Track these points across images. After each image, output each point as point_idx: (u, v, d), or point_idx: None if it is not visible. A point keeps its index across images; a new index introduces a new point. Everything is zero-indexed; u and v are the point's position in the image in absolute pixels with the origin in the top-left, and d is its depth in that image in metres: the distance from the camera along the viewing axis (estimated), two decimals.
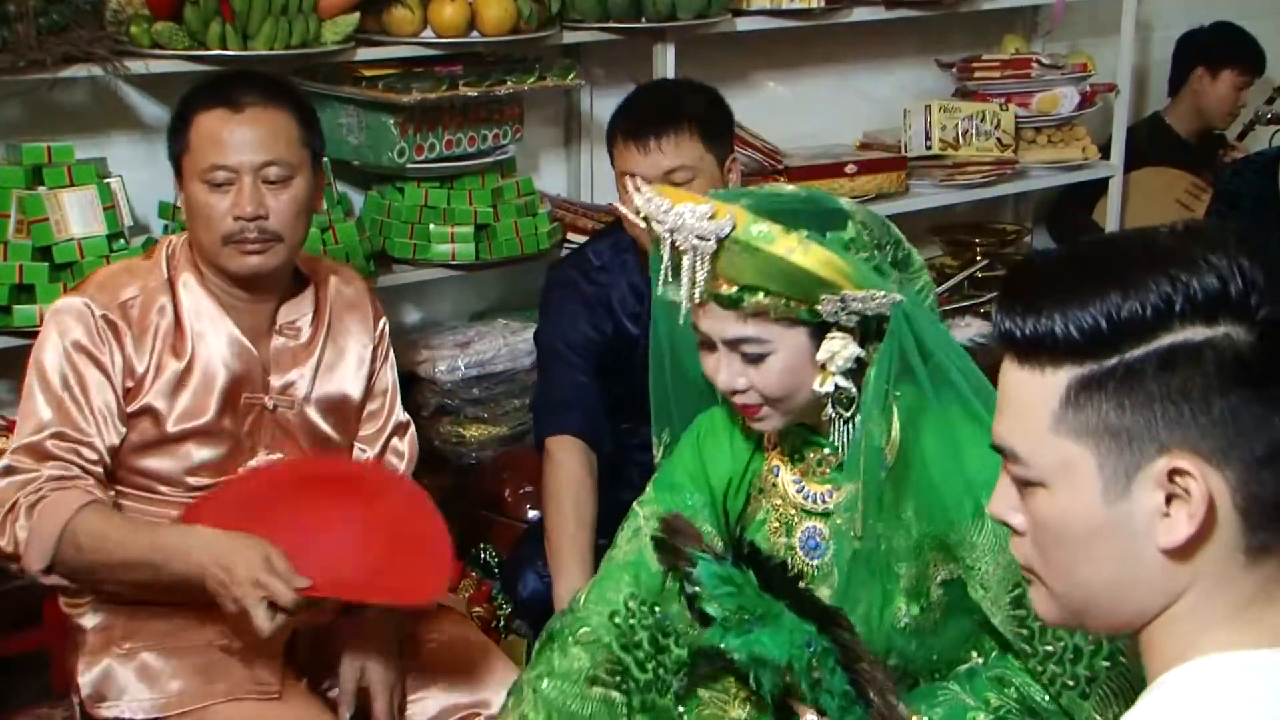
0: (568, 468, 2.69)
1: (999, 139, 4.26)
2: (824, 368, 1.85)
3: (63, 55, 2.81)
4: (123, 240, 2.93)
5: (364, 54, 3.20)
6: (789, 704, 1.73)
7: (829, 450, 1.95)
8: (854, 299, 1.79)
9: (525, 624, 2.95)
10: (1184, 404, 1.09)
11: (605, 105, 3.73)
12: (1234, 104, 4.91)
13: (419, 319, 3.68)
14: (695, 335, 1.92)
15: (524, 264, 3.49)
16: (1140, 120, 4.98)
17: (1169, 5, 5.01)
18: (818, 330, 1.85)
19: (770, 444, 2.03)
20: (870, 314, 1.82)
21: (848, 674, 1.66)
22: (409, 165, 3.26)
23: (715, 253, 1.78)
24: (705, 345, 1.92)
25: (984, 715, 1.86)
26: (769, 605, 1.69)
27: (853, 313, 1.81)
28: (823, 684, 1.67)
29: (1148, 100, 5.15)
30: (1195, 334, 1.09)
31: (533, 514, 3.23)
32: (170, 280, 2.37)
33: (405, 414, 2.58)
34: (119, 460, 2.34)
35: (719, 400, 2.02)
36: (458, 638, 2.49)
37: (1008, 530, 1.78)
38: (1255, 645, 1.12)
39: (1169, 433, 1.10)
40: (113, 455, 2.31)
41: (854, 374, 1.86)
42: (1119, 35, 4.57)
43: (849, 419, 1.89)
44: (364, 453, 2.51)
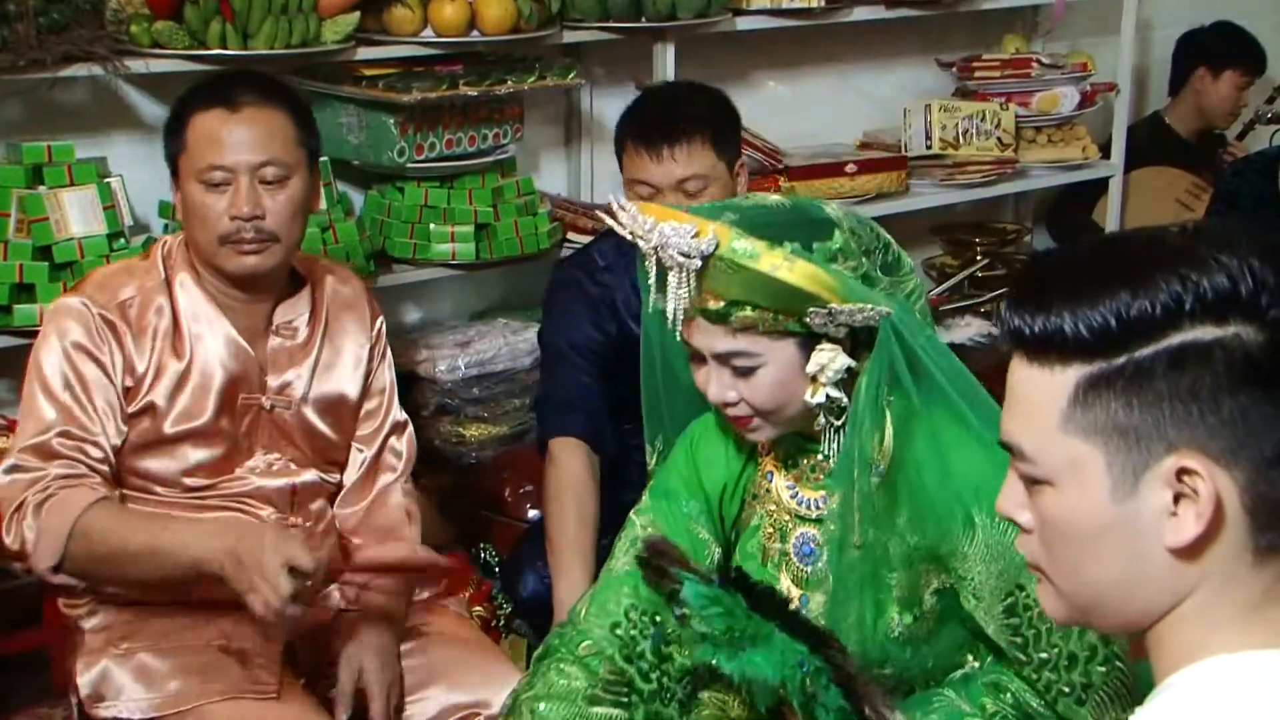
0: (570, 469, 2.69)
1: (999, 138, 4.25)
2: (815, 379, 1.85)
3: (63, 54, 2.81)
4: (123, 240, 2.93)
5: (364, 53, 3.20)
6: (785, 714, 1.73)
7: (823, 456, 1.94)
8: (841, 312, 1.78)
9: (525, 624, 2.94)
10: (1193, 403, 1.09)
11: (605, 105, 3.75)
12: (1236, 104, 4.91)
13: (419, 319, 3.68)
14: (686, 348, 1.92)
15: (524, 263, 3.49)
16: (1140, 120, 4.97)
17: (1169, 4, 5.01)
18: (807, 341, 1.84)
19: (764, 450, 2.03)
20: (858, 326, 1.81)
21: (841, 690, 1.66)
22: (409, 165, 3.26)
23: (701, 269, 1.78)
24: (695, 359, 1.92)
25: None
26: (759, 626, 1.69)
27: (841, 325, 1.81)
28: (818, 699, 1.66)
29: (1148, 100, 5.15)
30: (1205, 333, 1.09)
31: (533, 513, 3.23)
32: (167, 280, 2.36)
33: (403, 413, 2.57)
34: (116, 461, 2.33)
35: (712, 406, 2.02)
36: (458, 638, 2.49)
37: (1000, 540, 1.81)
38: (1264, 645, 1.11)
39: (1177, 432, 1.09)
40: (116, 454, 2.31)
41: (845, 384, 1.86)
42: (1119, 35, 4.57)
43: (841, 428, 1.89)
44: (361, 452, 2.51)
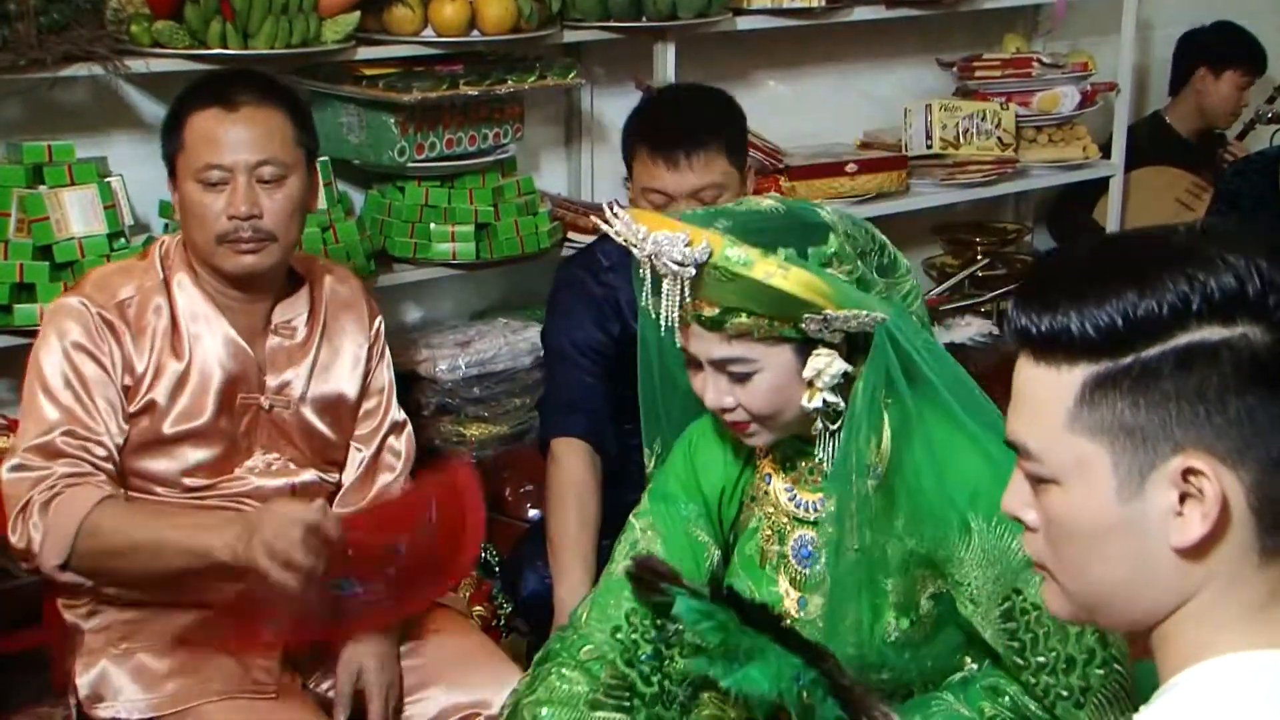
0: (572, 470, 2.68)
1: (999, 138, 4.25)
2: (811, 384, 1.85)
3: (63, 54, 2.80)
4: (123, 239, 2.93)
5: (364, 53, 3.19)
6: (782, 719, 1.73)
7: (820, 459, 1.94)
8: (836, 318, 1.78)
9: (525, 624, 2.94)
10: (1199, 404, 1.09)
11: (606, 105, 3.75)
12: (1237, 104, 4.90)
13: (419, 318, 3.68)
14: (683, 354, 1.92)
15: (524, 263, 3.48)
16: (1141, 119, 4.97)
17: (1170, 4, 5.01)
18: (803, 346, 1.84)
19: (762, 452, 2.03)
20: (854, 331, 1.81)
21: (838, 701, 1.66)
22: (409, 164, 3.26)
23: (696, 276, 1.78)
24: (692, 364, 1.92)
25: None
26: (753, 640, 1.68)
27: (836, 330, 1.80)
28: (815, 711, 1.66)
29: (1148, 99, 5.15)
30: (1212, 334, 1.09)
31: (533, 513, 3.23)
32: (165, 280, 2.36)
33: (402, 413, 2.57)
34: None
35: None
36: (458, 638, 2.49)
37: (996, 544, 1.81)
38: (1269, 645, 1.11)
39: (1184, 432, 1.09)
40: (119, 453, 2.31)
41: (841, 388, 1.86)
42: (1120, 34, 4.57)
43: (837, 432, 1.89)
44: (360, 452, 2.50)
